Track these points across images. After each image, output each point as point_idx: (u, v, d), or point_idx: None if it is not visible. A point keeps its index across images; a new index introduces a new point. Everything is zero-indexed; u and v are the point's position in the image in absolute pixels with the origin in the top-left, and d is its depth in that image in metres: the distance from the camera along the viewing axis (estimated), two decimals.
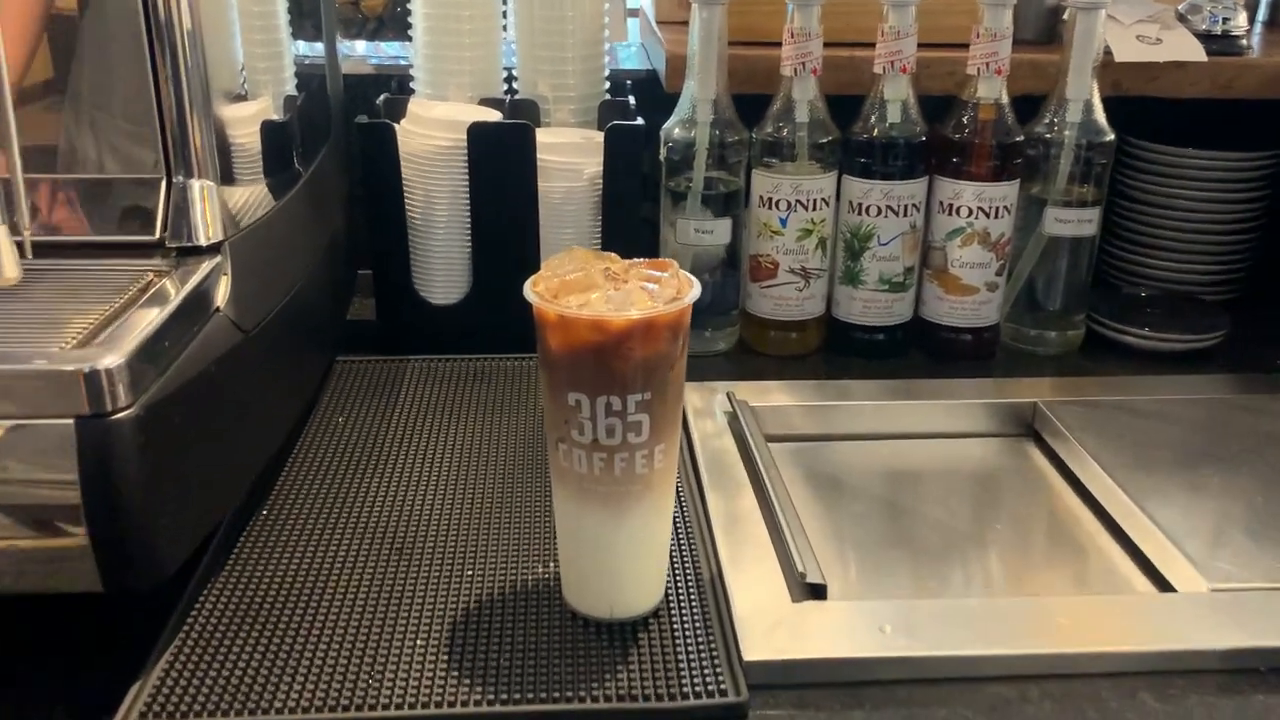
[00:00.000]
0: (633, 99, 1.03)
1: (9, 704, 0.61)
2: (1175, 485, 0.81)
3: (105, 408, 0.53)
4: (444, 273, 0.99)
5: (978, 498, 0.87)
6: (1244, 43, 1.09)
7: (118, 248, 0.66)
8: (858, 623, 0.64)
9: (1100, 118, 0.98)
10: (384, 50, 1.21)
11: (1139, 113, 1.07)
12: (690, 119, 0.96)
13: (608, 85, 1.07)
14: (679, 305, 0.58)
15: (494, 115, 0.98)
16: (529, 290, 0.59)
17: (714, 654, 0.62)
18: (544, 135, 0.95)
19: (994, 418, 0.93)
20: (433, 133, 0.95)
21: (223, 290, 0.66)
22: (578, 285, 0.59)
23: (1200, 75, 1.05)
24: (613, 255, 0.62)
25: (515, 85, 1.05)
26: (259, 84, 0.77)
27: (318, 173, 0.89)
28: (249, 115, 0.75)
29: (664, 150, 0.98)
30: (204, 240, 0.66)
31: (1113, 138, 0.98)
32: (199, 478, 0.62)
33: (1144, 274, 1.15)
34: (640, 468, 0.60)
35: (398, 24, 1.20)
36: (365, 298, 1.07)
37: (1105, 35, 0.97)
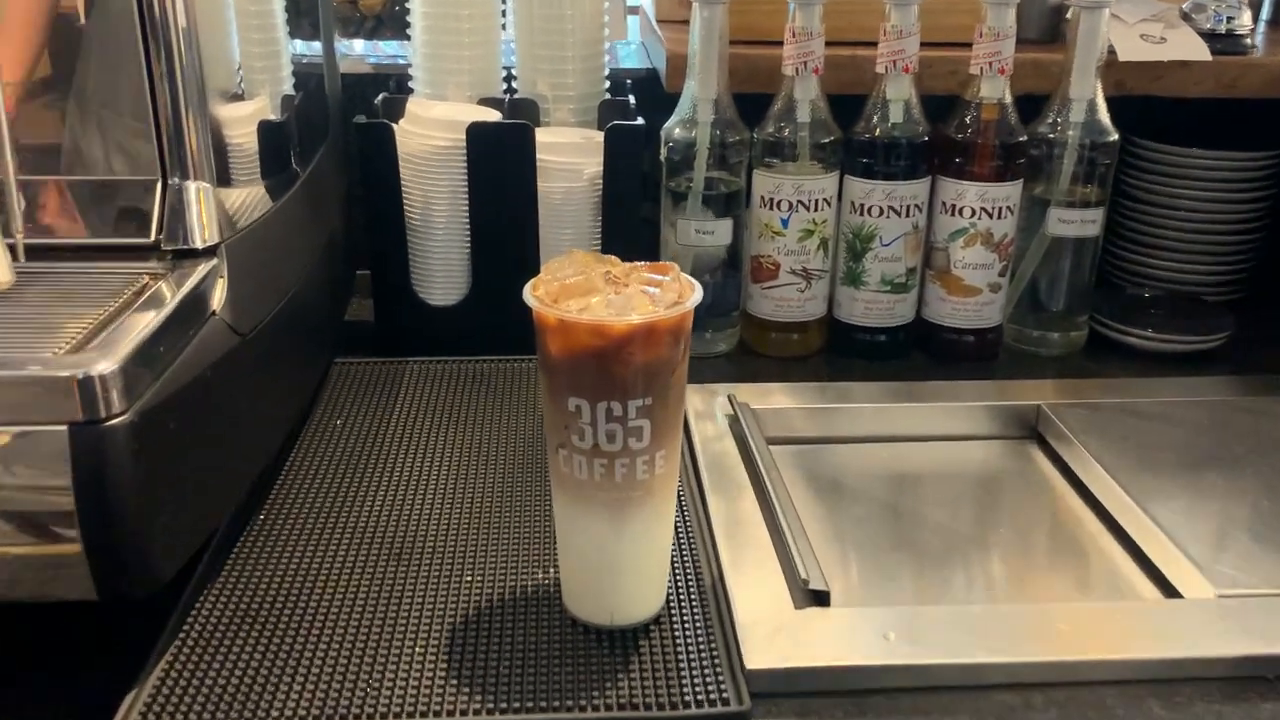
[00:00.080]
0: (633, 98, 1.03)
1: (6, 709, 0.61)
2: (1180, 489, 0.80)
3: (99, 414, 0.53)
4: (443, 274, 0.98)
5: (981, 501, 0.86)
6: (1248, 42, 1.08)
7: (112, 250, 0.65)
8: (861, 630, 0.64)
9: (1104, 117, 0.97)
10: (382, 49, 1.21)
11: (1142, 112, 1.06)
12: (691, 119, 0.95)
13: (608, 84, 1.06)
14: (680, 310, 0.58)
15: (493, 115, 0.97)
16: (528, 294, 0.59)
17: (715, 662, 0.62)
18: (543, 135, 0.94)
19: (997, 420, 0.92)
20: (431, 133, 0.94)
21: (219, 293, 0.65)
22: (578, 289, 0.58)
23: (1204, 75, 1.04)
24: (613, 258, 0.62)
25: (514, 84, 1.05)
26: (256, 83, 0.76)
27: (315, 173, 0.88)
28: (246, 115, 0.74)
29: (664, 150, 0.97)
30: (200, 243, 0.65)
31: (1116, 138, 0.98)
32: (195, 484, 0.61)
33: (1147, 274, 1.14)
34: (641, 473, 0.60)
35: (396, 23, 1.19)
36: (363, 298, 1.07)
37: (1109, 34, 0.97)
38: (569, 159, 0.95)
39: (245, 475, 0.71)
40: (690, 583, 0.69)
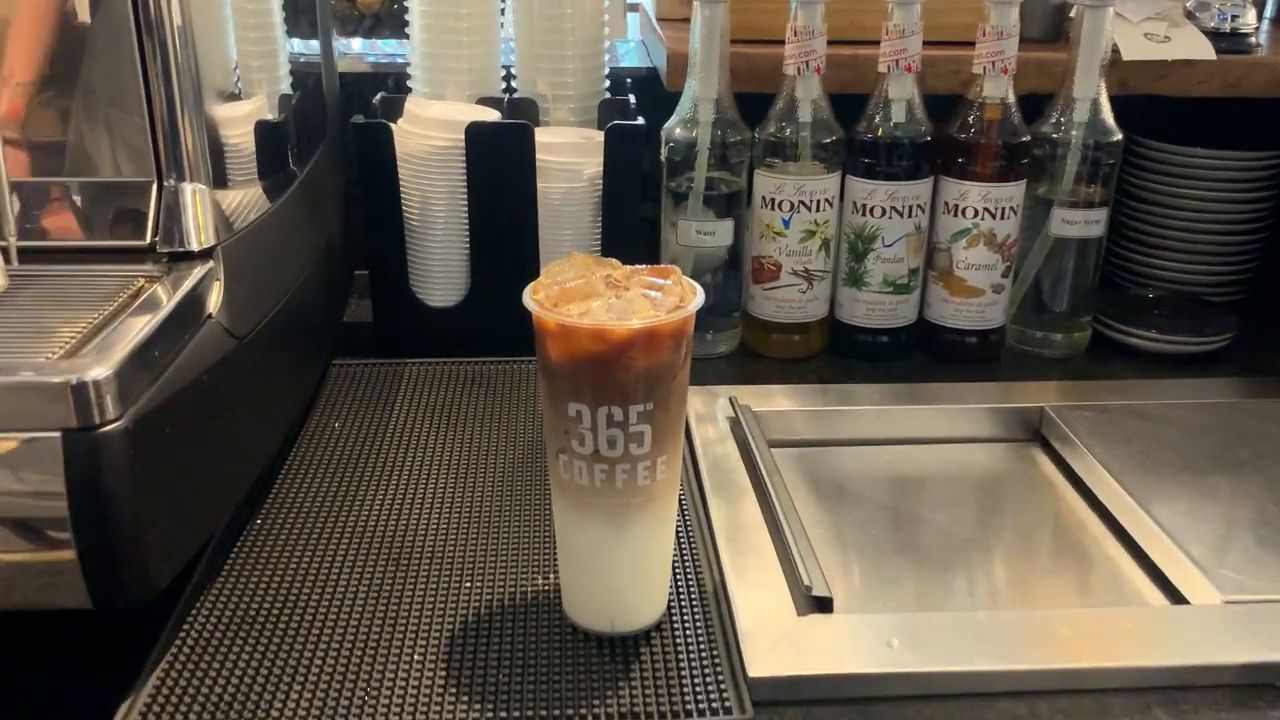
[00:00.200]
0: (633, 98, 1.02)
1: (2, 714, 0.60)
2: (1185, 492, 0.79)
3: (93, 420, 0.52)
4: (442, 274, 0.98)
5: (983, 504, 0.86)
6: (1253, 40, 1.07)
7: (107, 253, 0.64)
8: (865, 637, 0.63)
9: (1108, 117, 0.96)
10: (380, 48, 1.20)
11: (1145, 111, 1.05)
12: (692, 118, 0.94)
13: (607, 84, 1.05)
14: (682, 314, 0.57)
15: (492, 114, 0.96)
16: (528, 298, 0.58)
17: (718, 669, 0.61)
18: (543, 135, 0.94)
19: (1000, 423, 0.91)
20: (430, 133, 0.93)
21: (215, 296, 0.65)
22: (578, 293, 0.58)
23: (1209, 73, 1.03)
24: (614, 261, 0.61)
25: (514, 83, 1.04)
26: (253, 83, 0.75)
27: (313, 173, 0.87)
28: (243, 115, 0.73)
29: (665, 150, 0.96)
30: (196, 245, 0.65)
31: (1120, 137, 0.97)
32: (191, 490, 0.61)
33: (1150, 275, 1.13)
34: (642, 479, 0.59)
35: (394, 21, 1.18)
36: (362, 298, 1.06)
37: (1113, 33, 0.96)
38: (569, 159, 0.94)
39: (242, 480, 0.70)
40: (692, 588, 0.68)
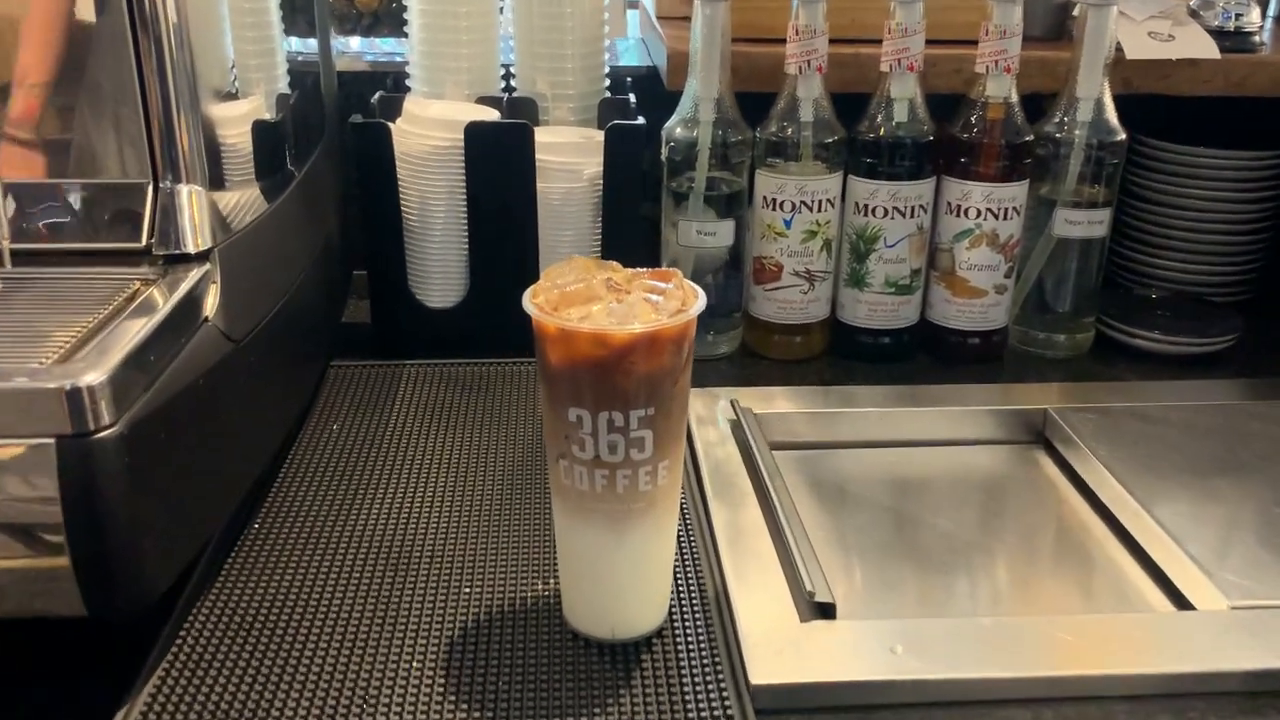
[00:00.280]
0: (633, 97, 1.01)
1: None
2: (1190, 495, 0.79)
3: (87, 427, 0.51)
4: (441, 275, 0.97)
5: (986, 508, 0.85)
6: (1257, 39, 1.06)
7: (102, 255, 0.64)
8: (868, 643, 0.62)
9: (1111, 116, 0.96)
10: (379, 47, 1.19)
11: (1149, 111, 1.05)
12: (692, 118, 0.93)
13: (607, 83, 1.04)
14: (684, 318, 0.56)
15: (491, 114, 0.96)
16: (528, 302, 0.57)
17: (719, 677, 0.61)
18: (543, 135, 0.93)
19: (1003, 425, 0.91)
20: (429, 132, 0.92)
21: (212, 299, 0.64)
22: (579, 297, 0.57)
23: (1213, 72, 1.02)
24: (615, 264, 0.60)
25: (513, 83, 1.03)
26: (250, 82, 0.75)
27: (311, 174, 0.87)
28: (240, 115, 0.73)
29: (665, 150, 0.95)
30: (192, 247, 0.64)
31: (1124, 137, 0.96)
32: (187, 496, 0.60)
33: (1154, 275, 1.12)
34: (644, 485, 0.58)
35: (393, 20, 1.17)
36: (360, 298, 1.05)
37: (1116, 32, 0.95)
38: (568, 159, 0.93)
39: (239, 485, 0.70)
40: (693, 594, 0.67)
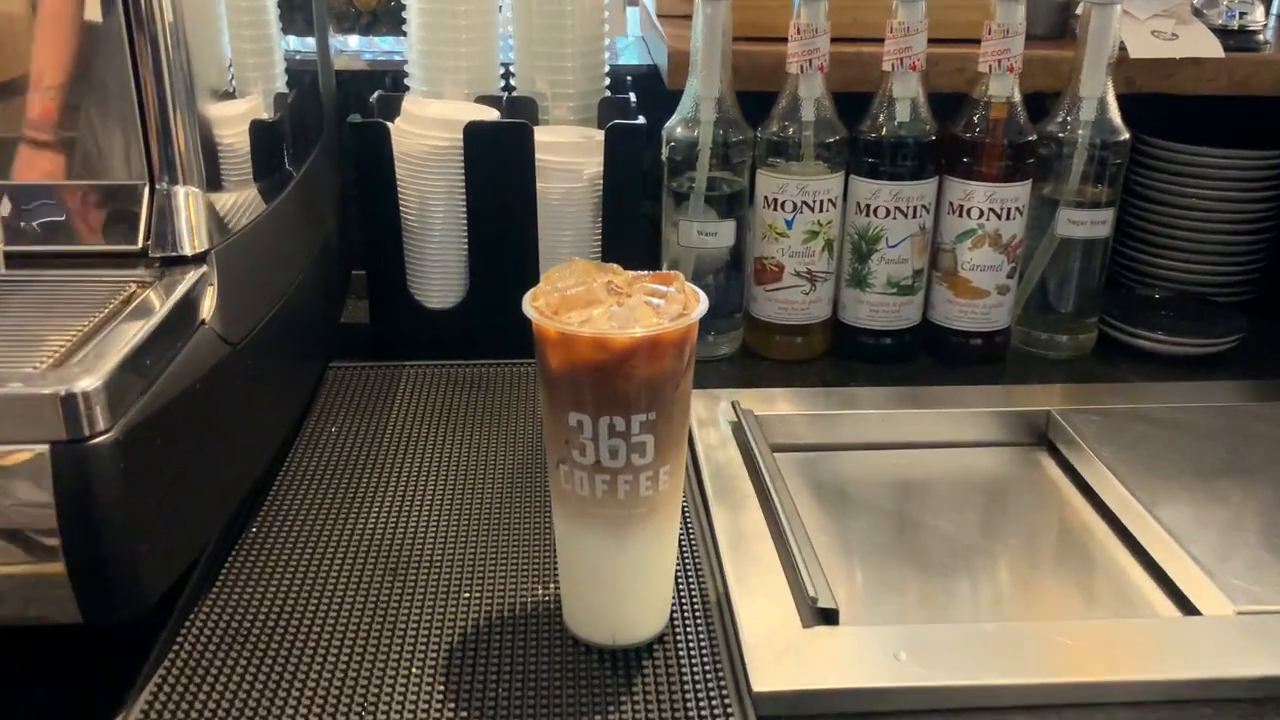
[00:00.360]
0: (633, 96, 1.00)
1: None
2: (1195, 498, 0.78)
3: (82, 432, 0.50)
4: (440, 276, 0.96)
5: (989, 510, 0.84)
6: (1261, 38, 1.06)
7: (98, 258, 0.63)
8: (871, 649, 0.62)
9: (1115, 116, 0.95)
10: (377, 45, 1.19)
11: (1153, 110, 1.04)
12: (693, 117, 0.93)
13: (607, 81, 1.04)
14: (685, 322, 0.56)
15: (491, 113, 0.95)
16: (528, 305, 0.57)
17: (721, 683, 0.60)
18: (542, 134, 0.92)
19: (1006, 427, 0.90)
20: (428, 132, 0.92)
21: (209, 302, 0.63)
22: (579, 300, 0.56)
23: (1217, 71, 1.02)
24: (615, 267, 0.60)
25: (512, 81, 1.02)
26: (248, 81, 0.74)
27: (309, 173, 0.86)
28: (237, 115, 0.72)
29: (666, 150, 0.95)
30: (189, 249, 0.63)
31: (1127, 137, 0.96)
32: (183, 501, 0.59)
33: (1156, 275, 1.12)
34: (645, 490, 0.58)
35: (392, 18, 1.17)
36: (359, 298, 1.04)
37: (1120, 30, 0.94)
38: (568, 159, 0.93)
39: (236, 489, 0.69)
40: (695, 600, 0.67)
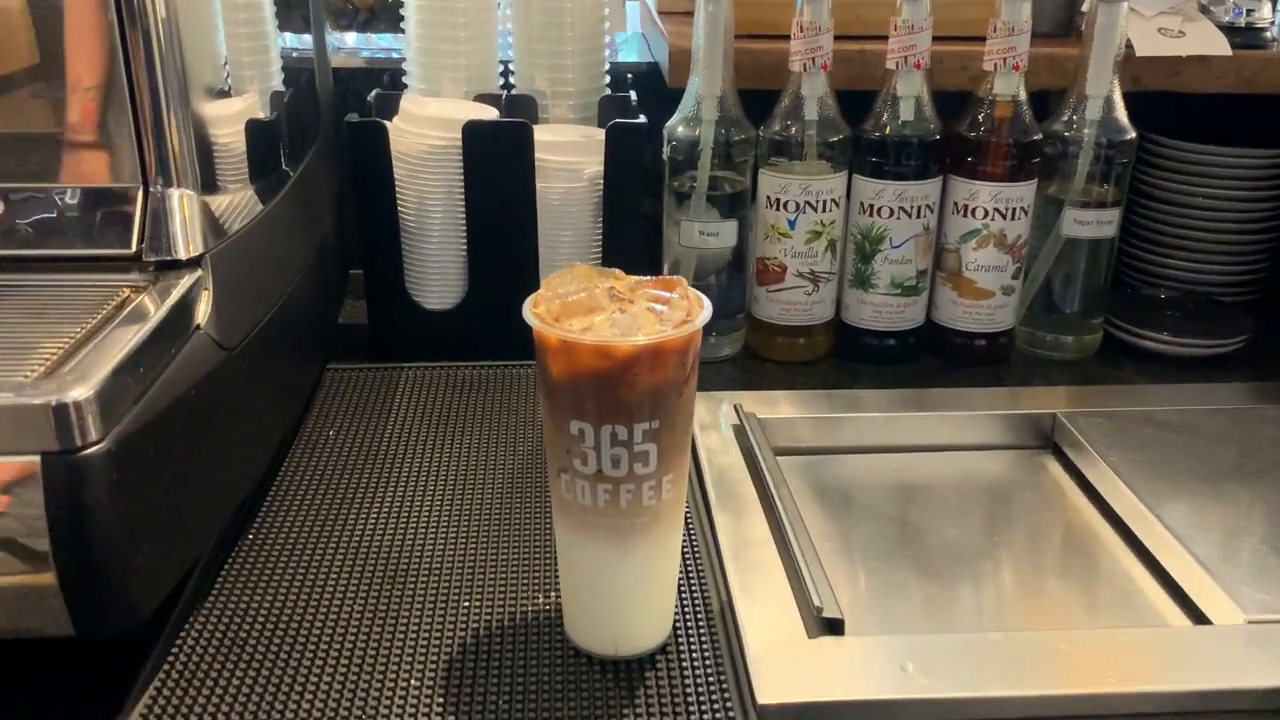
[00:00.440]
0: (634, 94, 0.99)
1: None
2: (1203, 503, 0.77)
3: (74, 443, 0.49)
4: (438, 277, 0.95)
5: (994, 514, 0.83)
6: (1268, 35, 1.05)
7: (91, 262, 0.62)
8: (878, 661, 0.61)
9: (1121, 115, 0.94)
10: (375, 43, 1.17)
11: (1159, 108, 1.03)
12: (695, 116, 0.92)
13: (608, 80, 1.02)
14: (689, 329, 0.55)
15: (490, 112, 0.94)
16: (528, 312, 0.55)
17: (725, 695, 0.59)
18: (542, 134, 0.91)
19: (1011, 429, 0.89)
20: (426, 131, 0.91)
21: (204, 306, 0.62)
22: (581, 307, 0.55)
23: (1224, 69, 1.01)
24: (617, 272, 0.58)
25: (512, 80, 1.01)
26: (243, 79, 0.73)
27: (306, 173, 0.85)
28: (233, 114, 0.71)
29: (667, 149, 0.94)
30: (184, 253, 0.62)
31: (1133, 135, 0.95)
32: (178, 511, 0.58)
33: (1163, 275, 1.11)
34: (647, 499, 0.57)
35: (390, 15, 1.16)
36: (357, 298, 1.03)
37: (1126, 28, 0.93)
38: (568, 158, 0.92)
39: (232, 497, 0.68)
40: (698, 610, 0.66)
